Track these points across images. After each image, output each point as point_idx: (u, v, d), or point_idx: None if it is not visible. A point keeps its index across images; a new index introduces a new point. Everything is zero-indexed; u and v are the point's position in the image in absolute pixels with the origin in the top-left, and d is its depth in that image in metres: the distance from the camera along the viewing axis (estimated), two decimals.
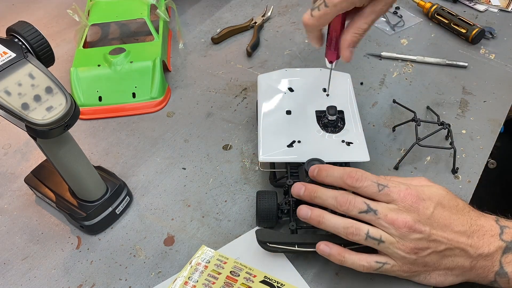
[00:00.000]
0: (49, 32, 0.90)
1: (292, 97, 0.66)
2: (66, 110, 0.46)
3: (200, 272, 0.53)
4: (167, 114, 0.74)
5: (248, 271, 0.53)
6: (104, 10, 0.82)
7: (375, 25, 0.87)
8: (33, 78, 0.46)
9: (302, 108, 0.64)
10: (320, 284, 0.53)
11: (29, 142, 0.70)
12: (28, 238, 0.59)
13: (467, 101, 0.73)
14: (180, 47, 0.85)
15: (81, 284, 0.55)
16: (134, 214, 0.61)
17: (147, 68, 0.74)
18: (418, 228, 0.46)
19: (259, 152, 0.59)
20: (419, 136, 0.63)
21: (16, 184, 0.65)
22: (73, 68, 0.73)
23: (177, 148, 0.69)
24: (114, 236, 0.59)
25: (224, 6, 0.94)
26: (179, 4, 0.92)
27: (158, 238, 0.58)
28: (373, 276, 0.53)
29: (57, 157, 0.53)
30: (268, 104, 0.66)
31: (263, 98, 0.66)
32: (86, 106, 0.73)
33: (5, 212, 0.62)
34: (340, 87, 0.67)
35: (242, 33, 0.88)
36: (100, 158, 0.68)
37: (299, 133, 0.61)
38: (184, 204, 0.62)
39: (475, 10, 0.89)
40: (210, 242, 0.57)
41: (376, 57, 0.81)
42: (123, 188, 0.60)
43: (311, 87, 0.68)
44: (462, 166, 0.64)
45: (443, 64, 0.79)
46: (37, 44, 0.48)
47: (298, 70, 0.71)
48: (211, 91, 0.77)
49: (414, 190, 0.48)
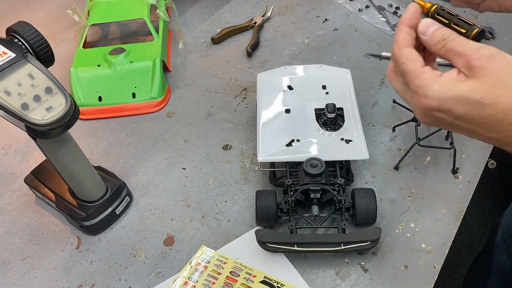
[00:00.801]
0: (49, 32, 0.90)
1: (291, 95, 0.66)
2: (66, 110, 0.46)
3: (200, 272, 0.53)
4: (167, 114, 0.74)
5: (248, 271, 0.53)
6: (104, 10, 0.82)
7: (375, 25, 0.87)
8: (33, 78, 0.46)
9: (302, 106, 0.64)
10: (320, 284, 0.53)
11: (29, 142, 0.70)
12: (28, 238, 0.59)
13: None
14: (180, 47, 0.85)
15: (81, 284, 0.55)
16: (134, 214, 0.61)
17: (147, 68, 0.74)
18: (433, 123, 0.44)
19: (258, 152, 0.59)
20: (419, 136, 0.63)
21: (16, 184, 0.65)
22: (73, 68, 0.73)
23: (177, 148, 0.69)
24: (114, 236, 0.59)
25: (224, 6, 0.94)
26: (179, 4, 0.92)
27: (158, 238, 0.58)
28: (373, 277, 0.53)
29: (57, 157, 0.53)
30: (267, 103, 0.66)
31: (262, 97, 0.66)
32: (86, 106, 0.73)
33: (5, 212, 0.62)
34: (339, 83, 0.67)
35: (242, 33, 0.88)
36: (100, 158, 0.68)
37: (298, 132, 0.61)
38: (184, 204, 0.62)
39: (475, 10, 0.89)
40: (210, 242, 0.57)
41: (376, 57, 0.81)
42: (123, 188, 0.60)
43: (310, 85, 0.68)
44: (462, 166, 0.64)
45: (443, 64, 0.79)
46: (37, 44, 0.48)
47: (298, 67, 0.71)
48: (211, 91, 0.77)
49: (433, 101, 0.42)
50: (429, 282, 0.53)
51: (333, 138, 0.60)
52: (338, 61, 0.80)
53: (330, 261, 0.55)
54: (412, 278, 0.53)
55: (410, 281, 0.53)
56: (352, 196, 0.57)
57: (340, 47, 0.83)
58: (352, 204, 0.56)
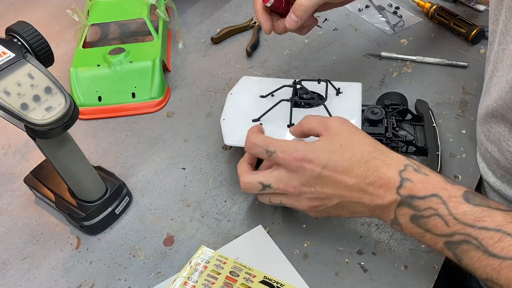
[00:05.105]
0: (48, 32, 0.90)
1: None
2: (66, 110, 0.46)
3: (200, 272, 0.53)
4: (167, 114, 0.74)
5: (247, 271, 0.53)
6: (104, 10, 0.82)
7: (375, 25, 0.87)
8: (32, 78, 0.46)
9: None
10: (320, 284, 0.53)
11: (29, 142, 0.70)
12: (28, 238, 0.59)
13: (467, 101, 0.73)
14: (180, 47, 0.85)
15: (80, 285, 0.55)
16: (134, 214, 0.61)
17: (146, 68, 0.74)
18: (306, 190, 0.50)
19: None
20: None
21: (15, 184, 0.65)
22: (72, 68, 0.73)
23: (176, 148, 0.69)
24: (114, 236, 0.59)
25: (224, 6, 0.94)
26: (179, 4, 0.92)
27: (157, 238, 0.58)
28: (373, 277, 0.53)
29: (57, 157, 0.53)
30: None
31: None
32: (85, 106, 0.73)
33: (5, 212, 0.62)
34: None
35: (242, 33, 0.88)
36: (99, 158, 0.68)
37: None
38: (183, 204, 0.62)
39: (475, 10, 0.89)
40: (209, 242, 0.57)
41: (376, 57, 0.81)
42: (123, 188, 0.60)
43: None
44: (462, 166, 0.64)
45: (443, 64, 0.79)
46: (37, 44, 0.48)
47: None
48: (211, 91, 0.77)
49: (300, 152, 0.49)
50: (429, 282, 0.53)
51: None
52: (338, 61, 0.80)
53: (330, 261, 0.55)
54: (412, 278, 0.53)
55: (410, 281, 0.52)
56: None
57: (340, 47, 0.83)
58: None
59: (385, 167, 0.48)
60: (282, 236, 0.57)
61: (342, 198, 0.49)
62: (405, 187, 0.46)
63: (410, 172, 0.47)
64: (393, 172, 0.47)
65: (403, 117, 0.67)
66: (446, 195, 0.45)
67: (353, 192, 0.49)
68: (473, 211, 0.44)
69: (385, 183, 0.47)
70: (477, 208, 0.44)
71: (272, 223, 0.59)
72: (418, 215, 0.46)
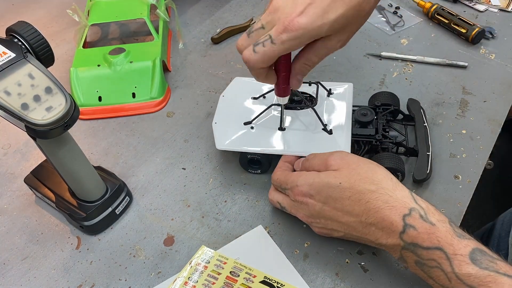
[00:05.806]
0: (49, 32, 0.90)
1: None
2: (66, 110, 0.46)
3: (200, 273, 0.53)
4: (167, 114, 0.74)
5: (248, 271, 0.53)
6: (104, 10, 0.82)
7: (375, 25, 0.87)
8: (32, 78, 0.46)
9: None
10: (320, 284, 0.53)
11: (29, 142, 0.70)
12: (28, 238, 0.59)
13: (467, 101, 0.73)
14: (180, 47, 0.85)
15: (80, 285, 0.55)
16: (134, 214, 0.61)
17: (147, 68, 0.74)
18: (313, 220, 0.53)
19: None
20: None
21: (15, 184, 0.65)
22: (73, 68, 0.73)
23: (177, 148, 0.69)
24: (114, 236, 0.59)
25: (224, 6, 0.94)
26: (179, 4, 0.92)
27: (158, 238, 0.58)
28: (373, 277, 0.53)
29: (57, 157, 0.53)
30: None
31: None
32: (85, 106, 0.73)
33: (5, 212, 0.62)
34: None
35: (242, 33, 0.88)
36: (100, 158, 0.68)
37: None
38: (184, 204, 0.62)
39: (475, 10, 0.89)
40: (210, 242, 0.57)
41: (376, 57, 0.81)
42: (123, 188, 0.60)
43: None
44: (462, 166, 0.64)
45: (443, 64, 0.79)
46: (37, 44, 0.48)
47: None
48: (211, 91, 0.77)
49: (300, 188, 0.52)
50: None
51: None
52: (338, 61, 0.80)
53: (330, 261, 0.55)
54: (412, 278, 0.53)
55: (410, 281, 0.52)
56: None
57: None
58: None
59: (387, 209, 0.46)
60: (282, 236, 0.57)
61: (347, 232, 0.51)
62: (408, 234, 0.45)
63: (415, 218, 0.45)
64: (396, 216, 0.46)
65: (395, 117, 0.67)
66: (451, 251, 0.43)
67: (357, 229, 0.49)
68: (478, 274, 0.42)
69: (387, 226, 0.46)
70: (483, 272, 0.42)
71: (272, 223, 0.59)
72: (421, 262, 0.45)
